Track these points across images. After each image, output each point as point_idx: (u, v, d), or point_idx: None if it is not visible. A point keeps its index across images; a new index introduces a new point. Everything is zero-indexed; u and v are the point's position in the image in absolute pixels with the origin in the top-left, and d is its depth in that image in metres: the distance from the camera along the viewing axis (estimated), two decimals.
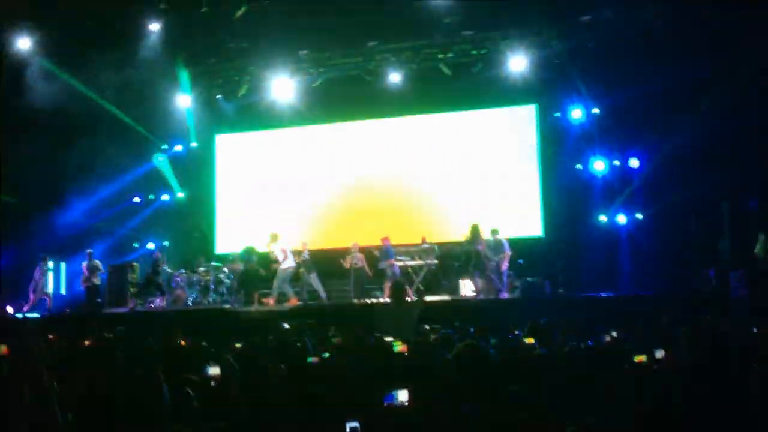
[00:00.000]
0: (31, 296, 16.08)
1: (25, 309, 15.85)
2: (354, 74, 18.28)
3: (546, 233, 17.33)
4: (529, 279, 14.91)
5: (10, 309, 15.69)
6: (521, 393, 3.91)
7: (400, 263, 15.99)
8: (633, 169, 16.39)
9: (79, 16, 16.37)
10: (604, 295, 14.03)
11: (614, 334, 6.39)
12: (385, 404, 3.90)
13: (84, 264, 16.28)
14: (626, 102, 15.75)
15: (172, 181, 19.79)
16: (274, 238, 15.68)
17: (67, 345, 7.86)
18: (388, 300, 14.79)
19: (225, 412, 4.15)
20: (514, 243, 15.22)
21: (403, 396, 3.92)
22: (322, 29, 16.49)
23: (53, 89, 16.77)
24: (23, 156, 16.89)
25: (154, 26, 16.67)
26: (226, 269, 16.97)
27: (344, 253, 16.12)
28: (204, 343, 7.77)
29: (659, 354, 5.28)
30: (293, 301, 15.21)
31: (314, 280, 15.89)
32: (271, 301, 15.29)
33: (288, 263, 15.41)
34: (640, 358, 4.90)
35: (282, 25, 16.12)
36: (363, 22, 16.20)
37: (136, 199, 19.82)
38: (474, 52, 17.44)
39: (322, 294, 15.89)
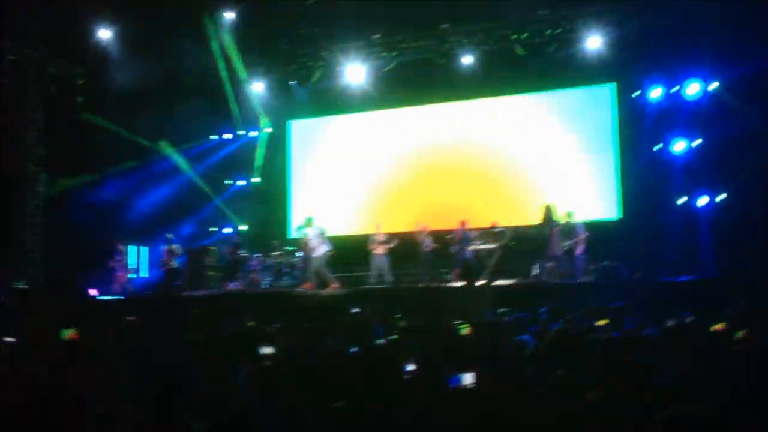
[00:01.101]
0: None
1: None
2: (427, 57, 18.15)
3: (623, 216, 16.93)
4: (605, 263, 14.60)
5: (94, 291, 16.25)
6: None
7: (472, 247, 15.88)
8: (715, 149, 15.82)
9: (158, 4, 16.84)
10: (683, 279, 13.62)
11: (689, 319, 6.20)
12: (451, 386, 3.88)
13: (163, 248, 16.73)
14: (708, 81, 15.22)
15: (260, 161, 20.13)
16: (310, 222, 15.64)
17: (145, 326, 8.13)
18: (458, 284, 14.78)
19: (284, 390, 4.21)
20: (591, 226, 14.92)
21: (468, 379, 3.90)
22: (394, 13, 16.46)
23: (133, 77, 17.28)
24: (106, 144, 17.49)
25: (230, 13, 16.96)
26: (299, 253, 17.16)
27: (417, 236, 16.11)
28: (276, 325, 7.93)
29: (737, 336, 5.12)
30: (334, 286, 15.19)
31: (386, 263, 15.94)
32: (308, 285, 15.24)
33: (324, 248, 15.41)
34: (717, 327, 4.77)
35: (354, 10, 16.16)
36: (435, 5, 16.09)
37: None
38: (549, 32, 17.05)
39: (389, 278, 15.91)
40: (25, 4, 17.00)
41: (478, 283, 10.04)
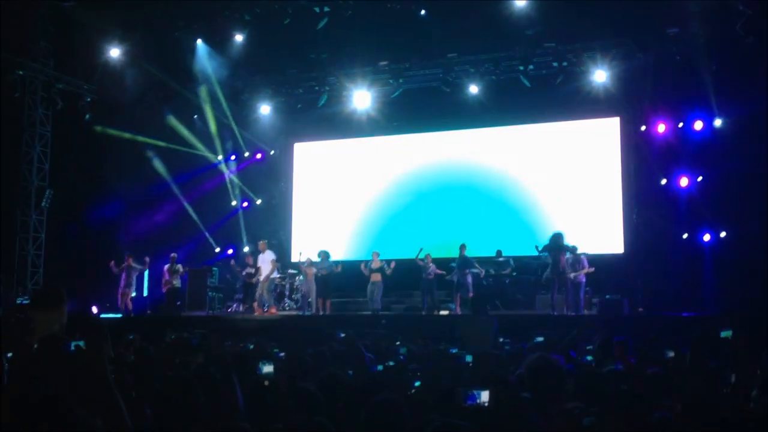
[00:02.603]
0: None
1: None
2: (433, 85, 18.26)
3: (627, 250, 16.90)
4: (607, 296, 14.57)
5: (94, 309, 16.22)
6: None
7: (475, 270, 15.89)
8: (718, 185, 15.81)
9: (168, 25, 17.06)
10: (685, 315, 13.57)
11: (671, 354, 6.17)
12: (468, 404, 3.87)
13: (166, 267, 16.70)
14: (713, 116, 15.30)
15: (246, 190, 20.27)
16: (264, 246, 16.38)
17: (147, 345, 8.10)
18: (461, 312, 14.76)
19: (278, 412, 4.20)
20: (594, 259, 14.90)
21: (485, 396, 3.88)
22: (402, 40, 16.61)
23: (143, 97, 17.45)
24: (113, 164, 17.58)
25: (239, 37, 17.11)
26: (301, 276, 17.19)
27: (417, 263, 16.04)
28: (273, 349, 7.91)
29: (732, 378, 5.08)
30: (273, 311, 15.99)
31: (379, 289, 15.85)
32: (259, 311, 15.90)
33: (275, 273, 16.18)
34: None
35: (362, 36, 16.33)
36: (443, 33, 16.24)
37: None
38: (555, 64, 17.17)
39: (377, 305, 15.78)
40: (34, 21, 17.23)
41: (487, 313, 9.98)
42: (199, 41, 17.78)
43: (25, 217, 17.61)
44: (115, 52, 17.44)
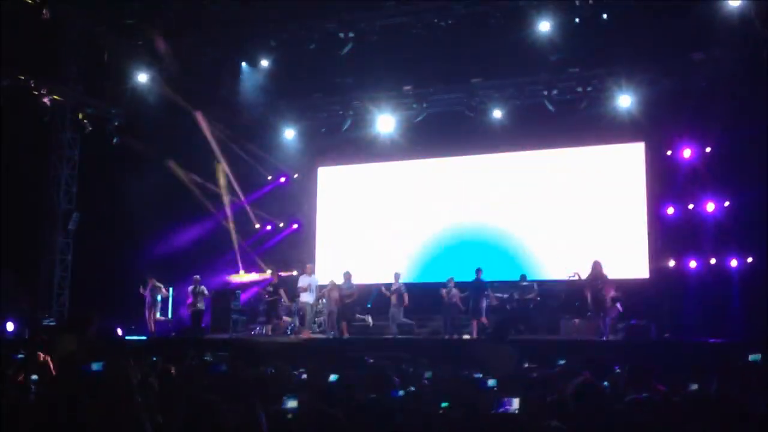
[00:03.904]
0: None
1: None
2: (457, 110, 18.29)
3: (652, 275, 16.73)
4: (633, 321, 14.43)
5: (120, 331, 16.32)
6: None
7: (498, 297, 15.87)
8: (745, 210, 15.65)
9: (195, 53, 17.28)
10: (712, 341, 13.39)
11: (694, 386, 6.07)
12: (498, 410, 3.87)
13: (190, 289, 16.80)
14: (739, 142, 15.17)
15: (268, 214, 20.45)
16: (311, 270, 16.68)
17: (170, 367, 8.12)
18: (482, 337, 14.67)
19: None
20: (620, 284, 14.79)
21: (515, 404, 3.87)
22: (426, 65, 16.69)
23: (168, 120, 17.64)
24: (135, 185, 17.77)
25: (265, 62, 17.29)
26: (323, 299, 17.21)
27: (440, 287, 16.03)
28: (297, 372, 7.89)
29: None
30: (307, 334, 16.08)
31: (399, 312, 15.90)
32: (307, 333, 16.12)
33: (306, 297, 16.34)
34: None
35: (386, 61, 16.43)
36: (467, 58, 16.29)
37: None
38: (580, 89, 17.13)
39: (394, 329, 15.85)
40: (65, 46, 17.53)
41: (509, 338, 9.91)
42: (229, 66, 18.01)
43: (52, 240, 17.81)
44: (143, 77, 17.68)
